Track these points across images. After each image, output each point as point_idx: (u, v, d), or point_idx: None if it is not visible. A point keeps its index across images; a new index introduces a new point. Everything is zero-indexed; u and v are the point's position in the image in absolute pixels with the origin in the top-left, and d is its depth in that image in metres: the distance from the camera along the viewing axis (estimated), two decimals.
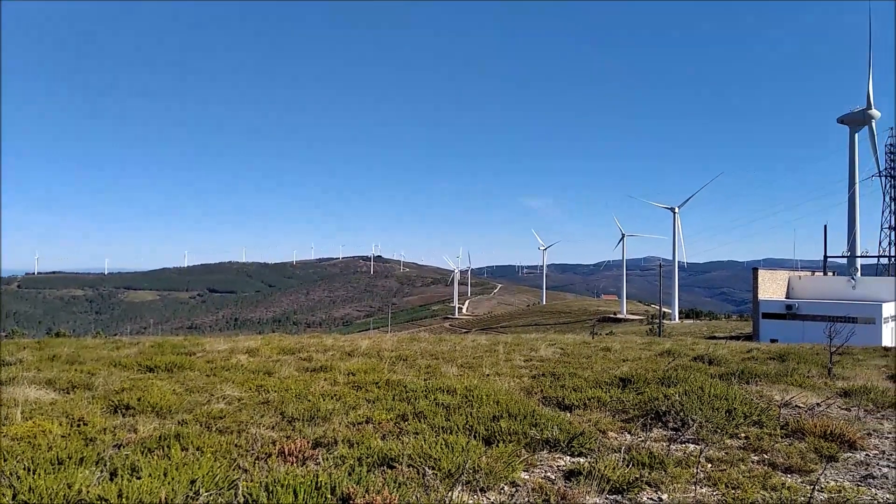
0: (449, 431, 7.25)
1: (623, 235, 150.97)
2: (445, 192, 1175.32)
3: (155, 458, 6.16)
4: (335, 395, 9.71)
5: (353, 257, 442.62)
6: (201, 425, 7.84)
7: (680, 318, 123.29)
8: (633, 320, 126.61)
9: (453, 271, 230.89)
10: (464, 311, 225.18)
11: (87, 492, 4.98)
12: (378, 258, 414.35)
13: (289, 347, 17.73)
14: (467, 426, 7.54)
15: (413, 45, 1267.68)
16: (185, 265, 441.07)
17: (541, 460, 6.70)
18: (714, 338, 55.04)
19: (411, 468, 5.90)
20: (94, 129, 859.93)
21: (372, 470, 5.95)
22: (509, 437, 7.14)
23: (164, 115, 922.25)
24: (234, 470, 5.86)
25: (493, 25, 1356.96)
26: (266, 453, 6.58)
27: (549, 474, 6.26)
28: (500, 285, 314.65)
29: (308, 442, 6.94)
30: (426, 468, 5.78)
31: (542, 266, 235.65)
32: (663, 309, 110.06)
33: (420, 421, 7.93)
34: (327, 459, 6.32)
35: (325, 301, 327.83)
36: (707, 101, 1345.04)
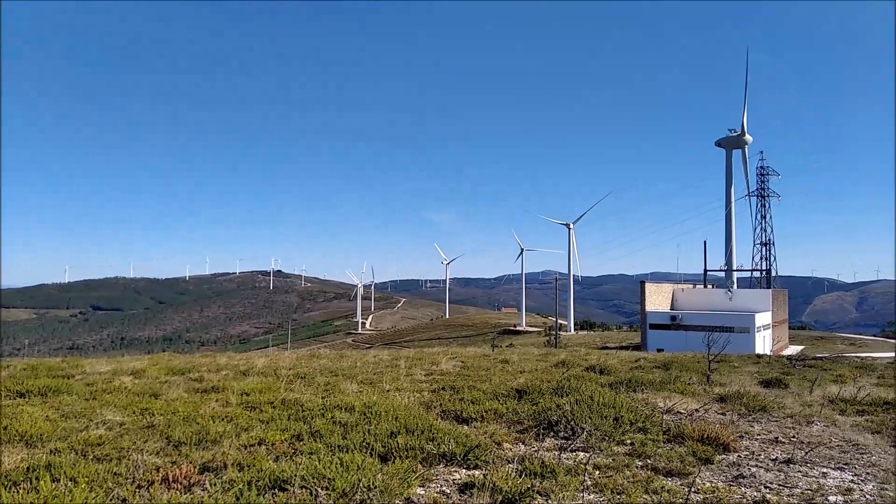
0: (345, 450, 7.15)
1: (522, 250, 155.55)
2: (349, 205, 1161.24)
3: (21, 492, 5.67)
4: (227, 416, 9.33)
5: (252, 272, 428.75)
6: (77, 453, 7.29)
7: (575, 329, 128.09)
8: (531, 332, 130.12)
9: (357, 286, 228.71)
10: (367, 325, 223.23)
11: None
12: (278, 273, 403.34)
13: (178, 367, 16.87)
14: (364, 444, 7.46)
15: (311, 52, 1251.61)
16: (66, 281, 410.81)
17: (437, 474, 6.73)
18: (606, 348, 57.59)
19: (304, 490, 5.76)
20: None
21: (262, 493, 5.76)
22: (406, 453, 7.12)
23: (39, 116, 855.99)
24: (111, 500, 5.49)
25: (395, 34, 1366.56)
26: (148, 481, 6.21)
27: (444, 488, 6.30)
28: (403, 299, 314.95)
29: (195, 467, 6.62)
30: (319, 489, 5.66)
31: (445, 280, 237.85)
32: (559, 321, 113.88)
33: (316, 440, 7.77)
34: (215, 485, 6.05)
35: (221, 318, 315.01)
36: (600, 121, 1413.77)
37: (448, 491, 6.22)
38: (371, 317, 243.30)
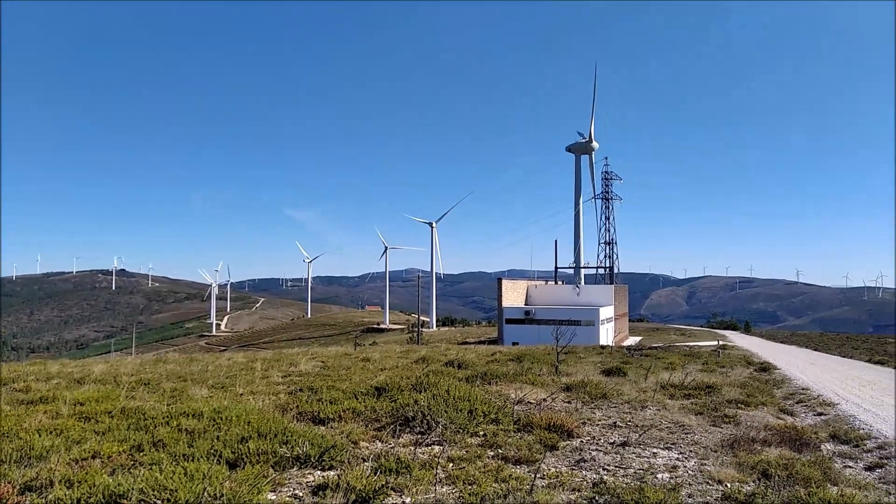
0: (191, 459, 6.77)
1: (386, 248, 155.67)
2: (201, 200, 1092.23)
3: None
4: (56, 429, 8.49)
5: (91, 271, 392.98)
6: None
7: (437, 325, 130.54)
8: (395, 330, 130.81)
9: (211, 285, 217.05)
10: (222, 327, 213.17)
11: None
12: (121, 272, 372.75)
13: (0, 377, 15.13)
14: (213, 451, 7.10)
15: (170, 46, 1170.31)
16: None
17: (290, 478, 6.57)
18: (466, 343, 59.20)
19: (143, 503, 5.38)
20: None
21: None
22: (258, 458, 6.88)
23: None
24: None
25: (257, 28, 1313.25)
26: None
27: (297, 491, 6.17)
28: (262, 299, 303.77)
29: (14, 487, 5.96)
30: (159, 501, 5.32)
31: (307, 279, 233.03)
32: (422, 318, 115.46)
33: (159, 450, 7.29)
34: None
35: (55, 321, 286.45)
36: (463, 122, 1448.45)
37: (301, 494, 6.09)
38: (227, 318, 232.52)
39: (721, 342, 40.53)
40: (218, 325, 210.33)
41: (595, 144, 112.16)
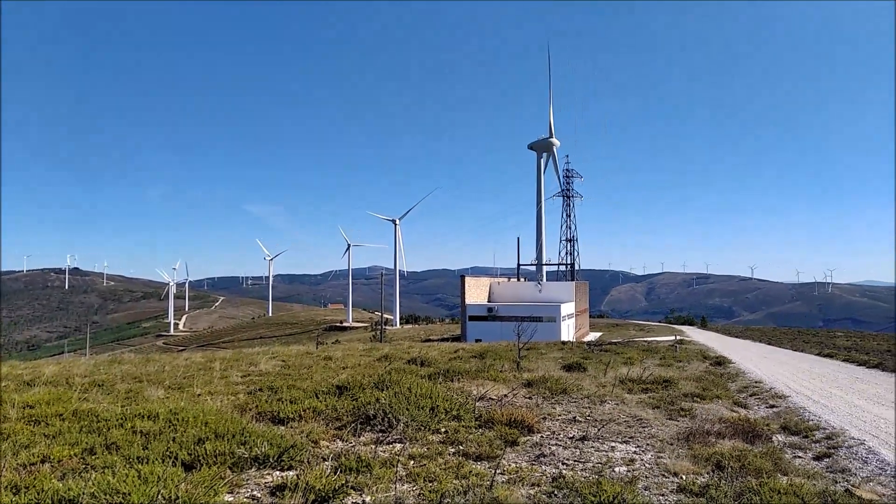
0: (145, 461, 6.61)
1: (349, 245, 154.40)
2: (157, 197, 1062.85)
3: None
4: (2, 433, 8.21)
5: (42, 270, 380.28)
6: None
7: (401, 323, 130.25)
8: (358, 328, 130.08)
9: (168, 284, 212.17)
10: (181, 327, 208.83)
11: None
12: (74, 270, 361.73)
13: None
14: (168, 453, 6.96)
15: (123, 39, 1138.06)
16: None
17: (248, 479, 6.48)
18: (429, 340, 59.23)
19: None
20: None
21: None
22: (214, 460, 6.76)
23: None
24: None
25: (219, 23, 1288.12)
26: None
27: (255, 492, 6.08)
28: (222, 298, 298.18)
29: None
30: None
31: (268, 277, 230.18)
32: (386, 315, 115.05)
33: (112, 453, 7.10)
34: None
35: (4, 322, 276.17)
36: (427, 120, 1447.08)
37: (259, 495, 6.01)
38: (185, 317, 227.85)
39: (678, 337, 41.37)
40: (176, 325, 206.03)
41: (556, 141, 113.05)
